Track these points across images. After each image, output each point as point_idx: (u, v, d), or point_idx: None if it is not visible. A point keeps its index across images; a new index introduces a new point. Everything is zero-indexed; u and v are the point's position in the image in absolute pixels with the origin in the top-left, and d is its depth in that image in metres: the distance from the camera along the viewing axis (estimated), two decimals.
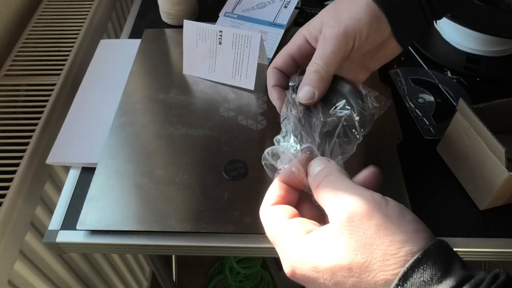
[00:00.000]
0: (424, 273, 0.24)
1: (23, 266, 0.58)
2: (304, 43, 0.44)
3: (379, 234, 0.26)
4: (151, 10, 0.80)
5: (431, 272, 0.24)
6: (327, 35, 0.40)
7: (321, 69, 0.40)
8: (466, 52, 0.70)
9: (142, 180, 0.52)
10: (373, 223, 0.27)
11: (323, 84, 0.41)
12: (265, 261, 1.34)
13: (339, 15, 0.40)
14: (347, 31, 0.40)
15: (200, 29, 0.62)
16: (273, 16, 0.75)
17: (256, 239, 0.48)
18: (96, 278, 0.84)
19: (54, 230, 0.50)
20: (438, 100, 0.64)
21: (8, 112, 0.63)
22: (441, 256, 0.25)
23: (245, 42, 0.60)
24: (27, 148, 0.58)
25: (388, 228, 0.26)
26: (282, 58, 0.45)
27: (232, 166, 0.53)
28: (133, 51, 0.70)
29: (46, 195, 0.64)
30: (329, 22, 0.41)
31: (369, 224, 0.27)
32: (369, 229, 0.27)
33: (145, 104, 0.61)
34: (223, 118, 0.60)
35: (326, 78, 0.41)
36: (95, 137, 0.58)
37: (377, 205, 0.28)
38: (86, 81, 0.66)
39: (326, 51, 0.40)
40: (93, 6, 0.79)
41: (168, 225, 0.48)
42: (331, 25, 0.40)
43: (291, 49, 0.44)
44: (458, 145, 0.53)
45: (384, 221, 0.27)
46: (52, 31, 0.74)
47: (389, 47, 0.43)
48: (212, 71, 0.64)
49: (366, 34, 0.40)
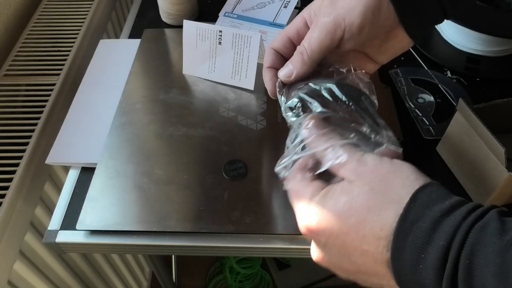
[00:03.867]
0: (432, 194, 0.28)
1: (23, 266, 0.58)
2: (303, 26, 0.43)
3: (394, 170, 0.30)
4: (151, 10, 0.80)
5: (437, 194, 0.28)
6: (319, 21, 0.40)
7: (305, 52, 0.40)
8: (466, 52, 0.70)
9: (142, 180, 0.52)
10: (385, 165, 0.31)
11: (304, 67, 0.41)
12: (265, 261, 1.34)
13: (335, 2, 0.39)
14: (336, 19, 0.39)
15: (200, 29, 0.62)
16: (273, 16, 0.75)
17: (256, 239, 0.48)
18: (96, 278, 0.83)
19: (54, 230, 0.50)
20: (438, 100, 0.64)
21: (8, 112, 0.63)
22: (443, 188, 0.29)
23: (245, 42, 0.60)
24: (27, 148, 0.58)
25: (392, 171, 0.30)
26: (281, 39, 0.45)
27: (232, 166, 0.53)
28: (133, 51, 0.69)
29: (46, 195, 0.64)
30: (325, 7, 0.40)
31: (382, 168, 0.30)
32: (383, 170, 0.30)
33: (145, 104, 0.61)
34: (223, 118, 0.60)
35: (307, 63, 0.41)
36: (95, 137, 0.58)
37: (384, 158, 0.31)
38: (85, 81, 0.66)
39: (313, 36, 0.40)
40: (93, 6, 0.79)
41: (168, 225, 0.48)
42: (325, 12, 0.40)
43: (289, 31, 0.44)
44: (458, 145, 0.53)
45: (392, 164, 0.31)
46: (51, 31, 0.74)
47: (397, 38, 0.41)
48: (212, 71, 0.64)
49: (358, 24, 0.38)
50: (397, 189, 0.29)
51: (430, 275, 0.26)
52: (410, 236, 0.27)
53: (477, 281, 0.24)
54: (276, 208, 0.50)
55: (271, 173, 0.53)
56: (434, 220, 0.26)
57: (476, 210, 0.27)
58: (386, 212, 0.28)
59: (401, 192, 0.28)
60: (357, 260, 0.30)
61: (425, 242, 0.26)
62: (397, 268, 0.27)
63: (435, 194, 0.28)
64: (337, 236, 0.30)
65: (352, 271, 0.31)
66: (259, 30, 0.73)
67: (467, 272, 0.24)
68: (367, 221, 0.29)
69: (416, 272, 0.26)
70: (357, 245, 0.29)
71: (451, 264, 0.25)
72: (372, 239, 0.28)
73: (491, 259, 0.24)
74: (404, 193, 0.28)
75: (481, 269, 0.24)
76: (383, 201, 0.29)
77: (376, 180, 0.30)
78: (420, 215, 0.27)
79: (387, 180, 0.30)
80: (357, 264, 0.30)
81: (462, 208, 0.27)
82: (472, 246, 0.25)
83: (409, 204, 0.28)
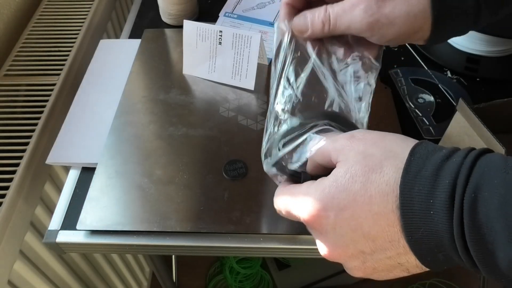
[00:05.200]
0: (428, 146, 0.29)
1: (23, 266, 0.58)
2: None
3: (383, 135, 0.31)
4: (151, 10, 0.80)
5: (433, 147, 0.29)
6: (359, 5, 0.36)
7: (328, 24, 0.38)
8: (466, 52, 0.70)
9: (142, 180, 0.52)
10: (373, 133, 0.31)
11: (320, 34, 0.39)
12: (265, 261, 1.34)
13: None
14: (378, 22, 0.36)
15: (200, 29, 0.62)
16: (273, 16, 0.75)
17: (256, 239, 0.48)
18: (96, 278, 0.84)
19: (54, 230, 0.50)
20: (438, 100, 0.64)
21: (8, 112, 0.63)
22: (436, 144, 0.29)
23: (245, 42, 0.60)
24: (27, 148, 0.58)
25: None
26: None
27: (232, 166, 0.53)
28: (133, 51, 0.69)
29: (46, 195, 0.64)
30: None
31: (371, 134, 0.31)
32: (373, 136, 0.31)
33: (145, 104, 0.61)
34: (223, 118, 0.60)
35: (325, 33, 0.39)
36: (95, 137, 0.58)
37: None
38: (86, 81, 0.66)
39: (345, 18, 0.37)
40: (93, 6, 0.79)
41: (168, 225, 0.48)
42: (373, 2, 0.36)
43: None
44: (458, 145, 0.52)
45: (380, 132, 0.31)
46: (52, 31, 0.74)
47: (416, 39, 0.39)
48: (212, 71, 0.64)
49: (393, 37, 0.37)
50: (393, 147, 0.30)
51: (441, 217, 0.25)
52: (415, 186, 0.27)
53: (481, 214, 0.24)
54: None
55: None
56: (436, 166, 0.27)
57: (474, 150, 0.27)
58: (387, 168, 0.28)
59: (397, 149, 0.29)
60: (370, 231, 0.29)
61: (431, 187, 0.26)
62: (409, 224, 0.27)
63: (431, 147, 0.29)
64: (345, 208, 0.29)
65: (368, 252, 0.30)
66: (259, 30, 0.73)
67: (471, 205, 0.24)
68: (370, 180, 0.29)
69: (428, 220, 0.26)
70: (367, 210, 0.29)
71: (459, 200, 0.25)
72: (380, 196, 0.28)
73: (496, 191, 0.24)
74: (400, 150, 0.29)
75: (485, 202, 0.24)
76: (382, 159, 0.29)
77: (368, 145, 0.30)
78: (422, 165, 0.27)
79: (380, 141, 0.30)
80: (372, 237, 0.29)
81: (460, 151, 0.27)
82: (478, 180, 0.25)
83: (409, 158, 0.28)
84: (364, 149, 0.30)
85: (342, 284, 1.28)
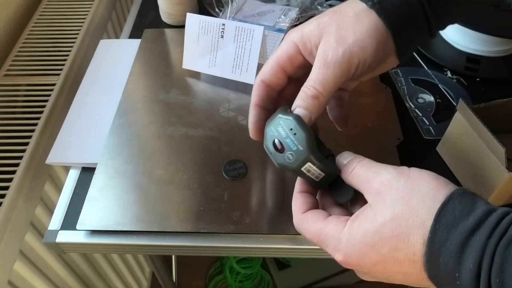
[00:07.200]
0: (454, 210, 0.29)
1: (23, 266, 0.58)
2: (297, 55, 0.39)
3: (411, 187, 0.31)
4: (151, 10, 0.80)
5: (459, 209, 0.29)
6: (329, 59, 0.36)
7: (321, 95, 0.37)
8: (466, 52, 0.70)
9: (142, 180, 0.52)
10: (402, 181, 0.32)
11: (320, 109, 0.38)
12: (265, 261, 1.34)
13: (343, 37, 0.36)
14: (351, 58, 0.36)
15: (202, 22, 0.61)
16: (273, 23, 0.75)
17: (256, 239, 0.48)
18: (96, 278, 0.84)
19: (54, 230, 0.50)
20: (438, 100, 0.64)
21: (8, 112, 0.63)
22: (465, 196, 0.30)
23: (248, 35, 0.59)
24: (27, 148, 0.58)
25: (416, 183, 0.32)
26: (271, 69, 0.40)
27: (232, 166, 0.53)
28: (133, 51, 0.69)
29: (46, 195, 0.64)
30: (331, 43, 0.37)
31: (399, 183, 0.32)
32: (400, 186, 0.31)
33: (145, 104, 0.61)
34: (223, 118, 0.60)
35: (324, 104, 0.37)
36: (95, 137, 0.58)
37: (401, 169, 0.33)
38: (86, 81, 0.66)
39: (327, 77, 0.36)
40: (93, 6, 0.79)
41: (168, 225, 0.48)
42: (334, 48, 0.36)
43: (281, 60, 0.39)
44: (458, 145, 0.53)
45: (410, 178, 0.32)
46: (52, 31, 0.74)
47: (386, 64, 0.40)
48: (213, 65, 0.64)
49: (370, 61, 0.37)
50: (419, 211, 0.30)
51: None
52: (441, 258, 0.28)
53: None
54: (276, 208, 0.50)
55: (271, 173, 0.53)
56: (461, 242, 0.28)
57: (499, 225, 0.28)
58: (414, 237, 0.30)
59: (423, 215, 0.30)
60: (402, 279, 0.32)
61: (456, 263, 0.28)
62: (439, 282, 0.30)
63: (458, 211, 0.29)
64: (377, 264, 0.32)
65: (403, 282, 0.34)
66: None
67: None
68: (398, 248, 0.30)
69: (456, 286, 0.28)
70: (398, 270, 0.31)
71: (484, 284, 0.27)
72: (408, 263, 0.30)
73: None
74: (426, 216, 0.30)
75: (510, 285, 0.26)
76: (409, 227, 0.30)
77: (396, 201, 0.31)
78: (446, 237, 0.28)
79: (407, 200, 0.31)
80: (405, 281, 0.32)
81: (485, 225, 0.28)
82: (500, 265, 0.26)
83: (433, 226, 0.29)
84: (392, 205, 0.31)
85: (342, 284, 1.28)
